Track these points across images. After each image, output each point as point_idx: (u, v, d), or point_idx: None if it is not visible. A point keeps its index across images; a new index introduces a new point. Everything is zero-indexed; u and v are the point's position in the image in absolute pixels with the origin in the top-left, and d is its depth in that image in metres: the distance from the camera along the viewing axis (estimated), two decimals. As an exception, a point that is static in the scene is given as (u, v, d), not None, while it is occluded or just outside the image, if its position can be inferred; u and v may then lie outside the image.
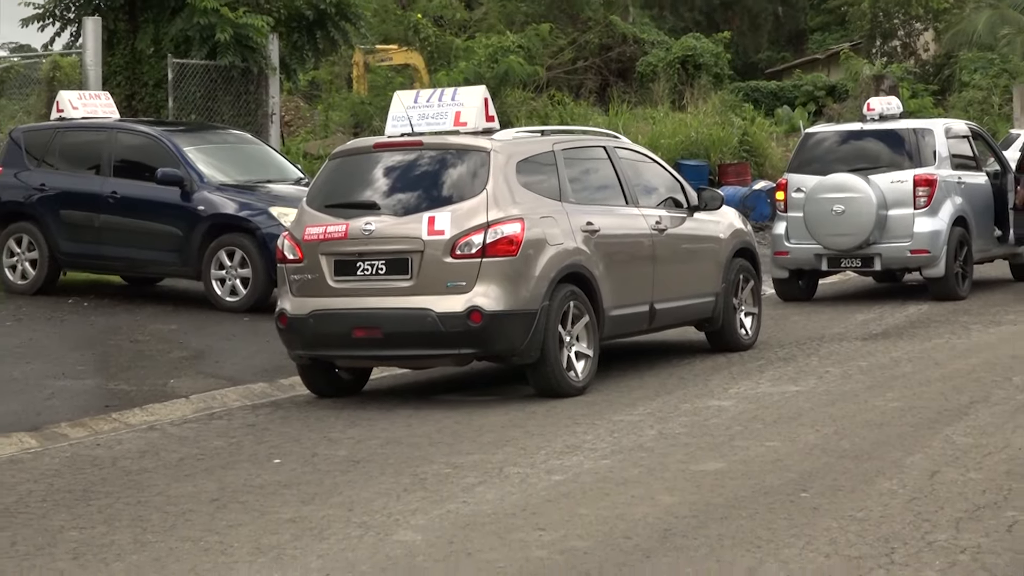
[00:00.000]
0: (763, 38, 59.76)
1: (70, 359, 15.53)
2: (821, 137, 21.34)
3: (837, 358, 15.06)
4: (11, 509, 9.76)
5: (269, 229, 17.21)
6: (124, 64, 25.16)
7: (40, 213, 19.48)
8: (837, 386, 13.47)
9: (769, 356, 15.35)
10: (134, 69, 25.19)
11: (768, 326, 16.69)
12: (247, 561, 8.26)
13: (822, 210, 19.61)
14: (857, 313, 18.84)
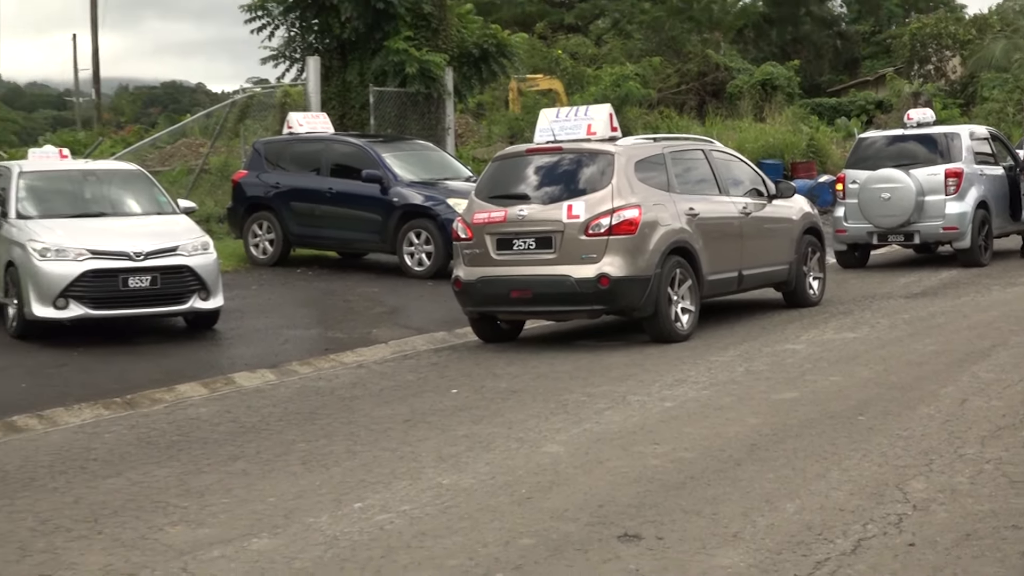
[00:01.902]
0: (825, 65, 58.74)
1: (298, 314, 15.71)
2: (871, 140, 21.03)
3: (885, 312, 14.78)
4: (256, 426, 9.90)
5: (447, 215, 17.26)
6: (337, 92, 25.40)
7: (276, 204, 19.74)
8: (886, 333, 13.22)
9: (832, 310, 15.10)
10: (344, 96, 25.44)
11: (831, 287, 16.42)
12: (432, 466, 8.30)
13: (873, 197, 19.34)
14: (901, 277, 18.48)
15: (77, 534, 7.05)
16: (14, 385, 11.46)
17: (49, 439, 9.73)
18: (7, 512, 7.56)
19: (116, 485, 8.13)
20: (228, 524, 7.15)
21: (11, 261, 13.60)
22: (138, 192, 15.25)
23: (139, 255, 13.36)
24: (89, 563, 6.51)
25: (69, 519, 7.36)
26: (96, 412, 10.61)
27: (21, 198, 14.37)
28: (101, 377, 11.84)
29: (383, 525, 6.98)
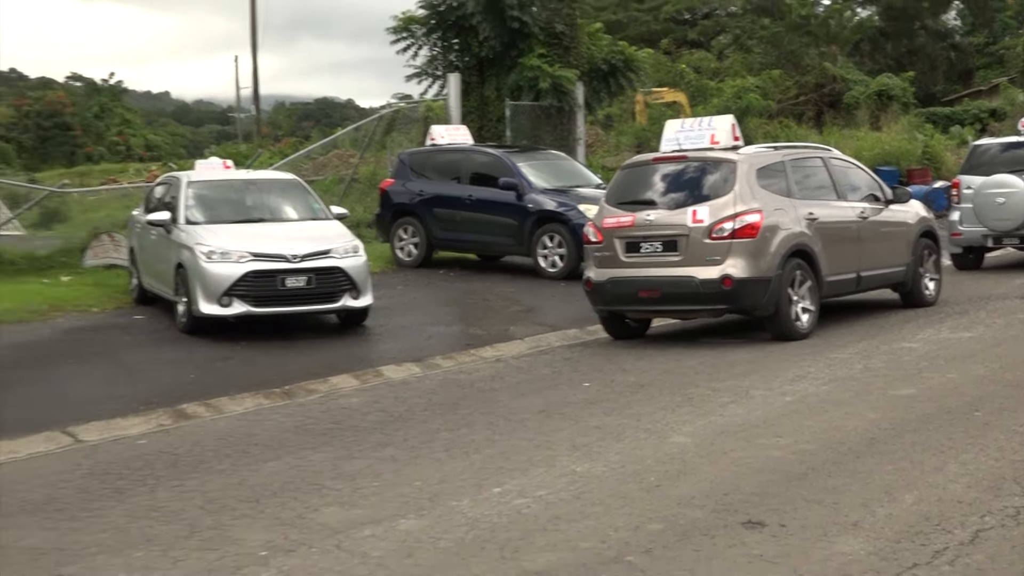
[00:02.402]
0: (939, 75, 57.32)
1: (441, 312, 15.81)
2: (985, 147, 20.43)
3: (1001, 312, 14.35)
4: (403, 416, 9.98)
5: (578, 220, 17.24)
6: (475, 106, 25.52)
7: (420, 210, 19.91)
8: (1001, 333, 12.83)
9: (947, 310, 14.71)
10: (483, 110, 25.55)
11: (946, 289, 15.98)
12: (566, 455, 8.27)
13: (987, 202, 18.76)
14: (1015, 279, 17.93)
15: (241, 513, 7.17)
16: (184, 376, 11.72)
17: (215, 426, 9.93)
18: (178, 492, 7.72)
19: (276, 468, 8.27)
20: (378, 506, 7.21)
21: (181, 263, 13.92)
22: (295, 199, 15.50)
23: (296, 257, 13.57)
24: (252, 539, 6.62)
25: (234, 499, 7.49)
26: (257, 401, 10.80)
27: (189, 205, 14.71)
28: (262, 369, 12.04)
29: (520, 509, 6.98)
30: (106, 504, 7.48)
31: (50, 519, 7.17)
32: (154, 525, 6.96)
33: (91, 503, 7.51)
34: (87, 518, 7.18)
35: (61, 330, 14.27)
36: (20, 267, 18.80)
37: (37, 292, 16.79)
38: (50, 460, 8.82)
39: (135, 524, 7.00)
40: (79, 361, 12.41)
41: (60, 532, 6.90)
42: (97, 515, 7.23)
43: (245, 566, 6.16)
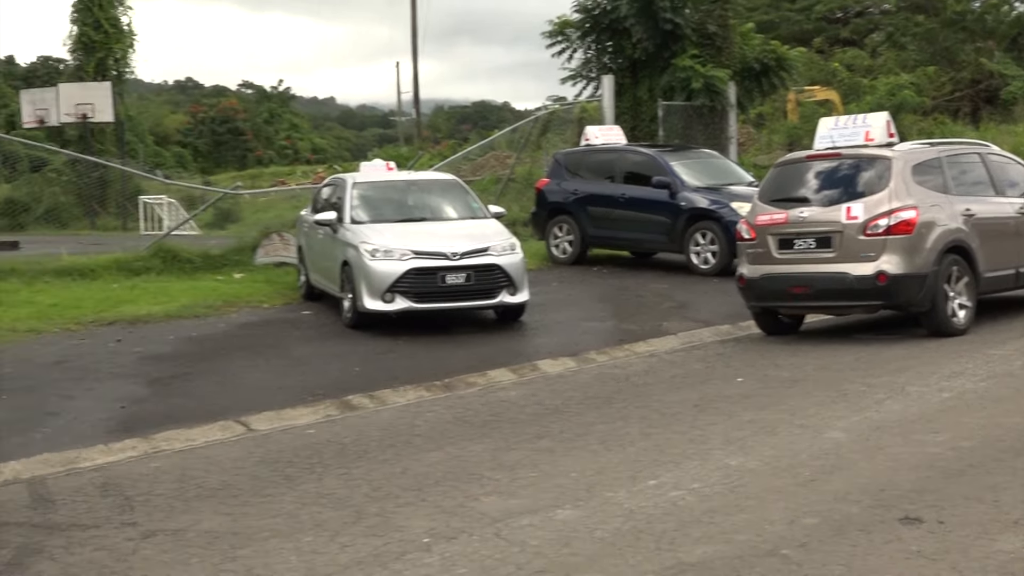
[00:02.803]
0: (1100, 68, 54.95)
1: (595, 308, 15.77)
2: None
3: None
4: (559, 408, 9.97)
5: (730, 217, 17.07)
6: (628, 107, 25.46)
7: (574, 209, 19.92)
8: None
9: (1110, 307, 14.10)
10: (636, 110, 25.48)
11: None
12: (720, 448, 8.17)
13: None
14: None
15: (404, 501, 7.26)
16: (349, 369, 11.92)
17: (379, 416, 10.07)
18: (344, 480, 7.85)
19: (437, 458, 8.34)
20: (536, 496, 7.22)
21: (346, 261, 14.17)
22: (454, 199, 15.65)
23: (455, 255, 13.69)
24: (415, 527, 6.69)
25: (397, 487, 7.59)
26: (419, 393, 10.91)
27: (354, 206, 14.96)
28: (423, 363, 12.17)
29: (676, 501, 6.91)
30: (277, 491, 7.65)
31: (224, 504, 7.36)
32: (322, 511, 7.09)
33: (263, 489, 7.69)
34: (259, 504, 7.35)
35: (235, 325, 14.66)
36: (196, 265, 19.38)
37: (212, 289, 17.30)
38: (225, 448, 9.05)
39: (304, 510, 7.14)
40: (251, 354, 12.72)
41: (234, 517, 7.07)
42: (268, 501, 7.40)
43: (409, 552, 6.23)
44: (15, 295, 16.43)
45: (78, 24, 45.62)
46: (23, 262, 19.09)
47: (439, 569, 5.96)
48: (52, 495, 7.72)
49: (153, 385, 11.12)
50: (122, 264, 19.02)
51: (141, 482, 7.97)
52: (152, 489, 7.78)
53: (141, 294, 16.72)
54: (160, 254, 19.57)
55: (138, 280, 18.15)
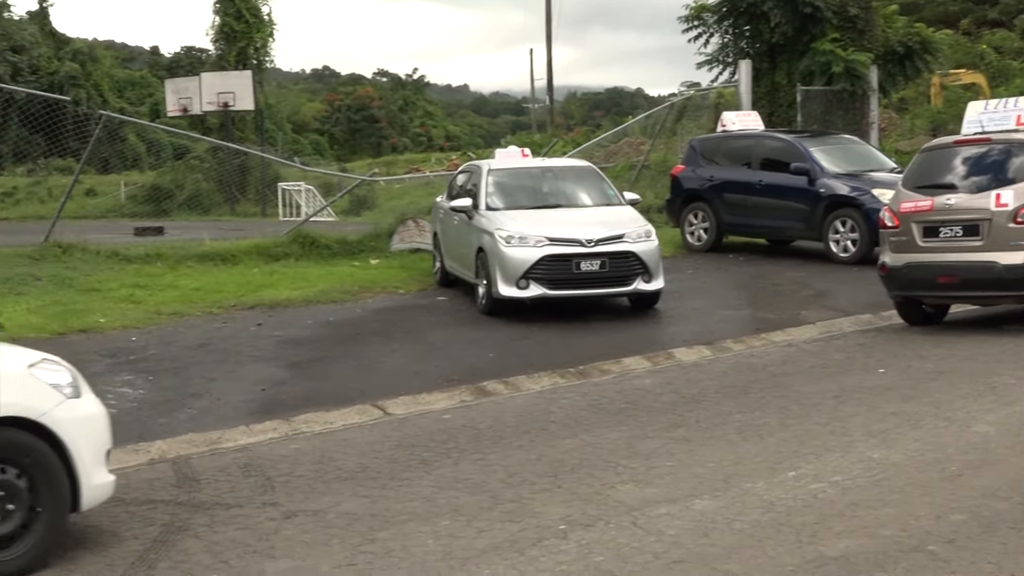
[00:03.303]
0: None
1: (730, 296, 15.58)
2: None
3: None
4: (695, 397, 9.87)
5: (872, 205, 16.71)
6: (766, 92, 25.09)
7: (710, 196, 19.73)
8: None
9: None
10: (773, 95, 25.11)
11: None
12: (862, 441, 8.00)
13: None
14: None
15: (540, 487, 7.26)
16: (484, 355, 11.97)
17: (514, 403, 10.09)
18: (480, 465, 7.89)
19: (572, 445, 8.33)
20: (672, 485, 7.16)
21: (481, 247, 14.23)
22: (589, 186, 15.59)
23: (590, 242, 13.65)
24: (551, 513, 6.69)
25: (533, 473, 7.59)
26: (553, 380, 10.91)
27: (490, 192, 15.02)
28: (556, 349, 12.17)
29: (816, 494, 6.79)
30: (414, 475, 7.72)
31: (363, 487, 7.45)
32: (459, 496, 7.13)
33: (400, 473, 7.77)
34: (397, 487, 7.42)
35: (371, 310, 14.84)
36: (334, 251, 19.70)
37: (349, 274, 17.56)
38: (362, 431, 9.17)
39: (441, 494, 7.19)
40: (387, 339, 12.87)
41: (373, 499, 7.16)
42: (406, 485, 7.47)
43: (546, 539, 6.23)
44: (160, 279, 16.90)
45: (220, 14, 46.73)
46: (168, 247, 19.64)
47: (576, 556, 5.95)
48: (197, 474, 7.92)
49: (292, 368, 11.32)
50: (262, 249, 19.43)
51: (282, 463, 8.12)
52: (292, 470, 7.92)
53: (280, 279, 17.06)
54: (299, 240, 19.94)
55: (277, 265, 18.52)
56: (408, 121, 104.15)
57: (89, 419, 6.37)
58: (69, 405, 6.24)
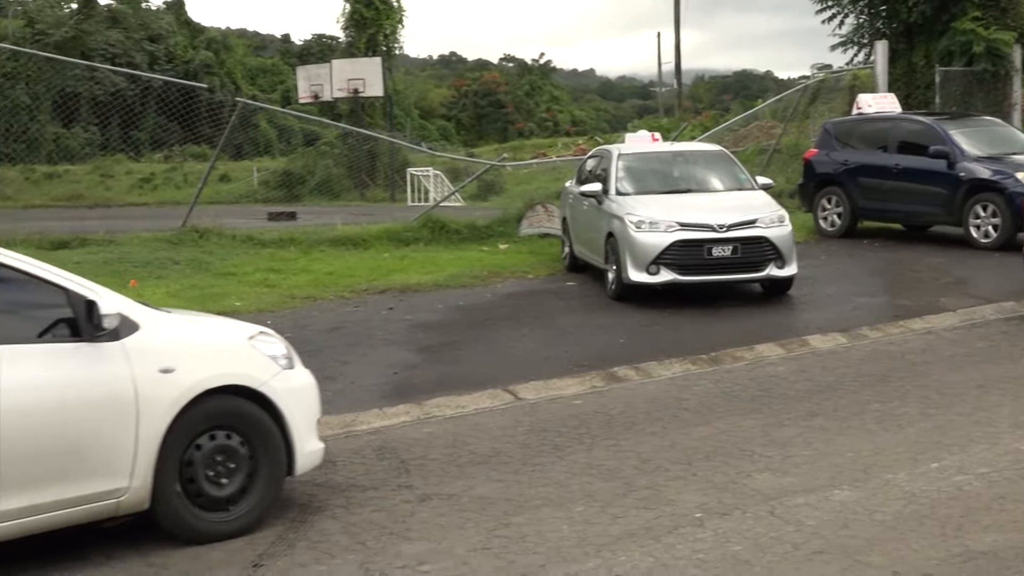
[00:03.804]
0: None
1: (866, 282, 15.26)
2: None
3: None
4: (832, 386, 9.69)
5: (1015, 189, 16.26)
6: (902, 73, 24.53)
7: (844, 180, 19.34)
8: None
9: None
10: (910, 77, 24.54)
11: None
12: (1008, 432, 7.78)
13: None
14: None
15: (674, 475, 7.20)
16: (614, 340, 11.92)
17: (645, 389, 10.03)
18: (613, 451, 7.86)
19: (705, 433, 8.24)
20: (810, 474, 7.04)
21: (611, 232, 14.16)
22: (720, 170, 15.41)
23: (722, 227, 13.49)
24: (686, 501, 6.63)
25: (666, 460, 7.54)
26: (684, 367, 10.81)
27: (620, 177, 14.93)
28: (687, 336, 12.06)
29: (961, 486, 6.61)
30: (546, 460, 7.72)
31: (496, 471, 7.47)
32: (593, 482, 7.11)
33: (533, 458, 7.77)
34: (530, 472, 7.43)
35: (500, 295, 14.89)
36: (463, 236, 19.83)
37: (478, 259, 17.65)
38: (494, 416, 9.20)
39: (575, 480, 7.18)
40: (517, 324, 12.89)
41: (506, 484, 7.18)
42: (539, 470, 7.47)
43: (681, 527, 6.18)
44: (294, 263, 17.20)
45: (351, 2, 47.30)
46: (300, 232, 19.98)
47: (712, 545, 5.89)
48: (332, 456, 8.01)
49: (423, 352, 11.41)
50: (392, 234, 19.65)
51: (415, 446, 8.19)
52: (426, 453, 7.99)
53: (410, 263, 17.23)
54: (428, 225, 20.12)
55: (407, 250, 18.71)
56: (534, 106, 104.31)
57: (302, 389, 6.81)
58: (285, 376, 6.66)
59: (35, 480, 5.69)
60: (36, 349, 5.84)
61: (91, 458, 5.87)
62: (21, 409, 5.64)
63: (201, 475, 6.26)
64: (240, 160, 47.28)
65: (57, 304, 5.93)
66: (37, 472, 5.70)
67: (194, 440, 6.24)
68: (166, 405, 6.08)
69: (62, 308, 5.93)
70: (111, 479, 5.94)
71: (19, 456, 5.63)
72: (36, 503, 5.72)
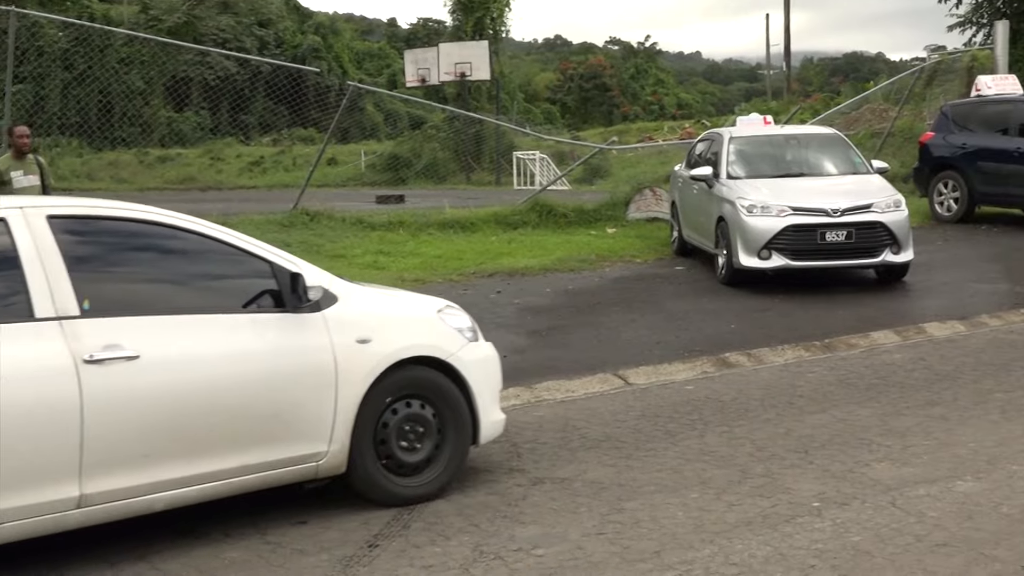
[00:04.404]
0: None
1: (984, 269, 14.89)
2: None
3: None
4: (951, 375, 9.48)
5: None
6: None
7: (961, 164, 18.90)
8: None
9: None
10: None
11: None
12: None
13: None
14: None
15: (790, 463, 7.10)
16: (725, 326, 11.79)
17: (758, 375, 9.90)
18: (727, 438, 7.77)
19: (821, 421, 8.11)
20: (931, 465, 6.89)
21: (722, 216, 14.01)
22: (834, 154, 15.15)
23: (836, 212, 13.26)
24: (803, 490, 6.53)
25: (782, 448, 7.43)
26: (797, 353, 10.66)
27: (731, 161, 14.76)
28: (800, 322, 11.89)
29: (1091, 479, 6.42)
30: (659, 445, 7.66)
31: (608, 456, 7.44)
32: (707, 468, 7.04)
33: (645, 443, 7.72)
34: (642, 457, 7.38)
35: (608, 279, 14.83)
36: (570, 220, 19.79)
37: (586, 243, 17.60)
38: (604, 400, 9.16)
39: (688, 466, 7.12)
40: (626, 308, 12.83)
41: (618, 469, 7.14)
42: (651, 455, 7.42)
43: (799, 516, 6.09)
44: (403, 246, 17.32)
45: (458, -15, 47.44)
46: (409, 215, 20.12)
47: (831, 535, 5.79)
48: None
49: (532, 336, 11.41)
50: (500, 218, 19.69)
51: (527, 430, 8.19)
52: (537, 437, 7.98)
53: (518, 247, 17.24)
54: (536, 208, 20.11)
55: (515, 233, 18.73)
56: (639, 89, 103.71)
57: (487, 361, 7.04)
58: (470, 347, 6.90)
59: (244, 442, 5.99)
60: (242, 319, 6.11)
61: (294, 422, 6.16)
62: (230, 374, 5.94)
63: (394, 441, 6.53)
64: (346, 144, 47.81)
65: (262, 276, 6.22)
66: (246, 434, 6.00)
67: (388, 408, 6.51)
68: (363, 374, 6.35)
69: (266, 280, 6.21)
70: (312, 443, 6.23)
71: (230, 419, 5.93)
72: (246, 464, 6.01)
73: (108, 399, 5.54)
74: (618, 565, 5.51)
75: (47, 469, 5.40)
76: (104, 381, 5.53)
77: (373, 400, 6.40)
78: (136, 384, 5.63)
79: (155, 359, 5.70)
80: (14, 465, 5.30)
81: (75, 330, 5.54)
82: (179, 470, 5.78)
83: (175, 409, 5.74)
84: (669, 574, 5.37)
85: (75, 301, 5.59)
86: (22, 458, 5.33)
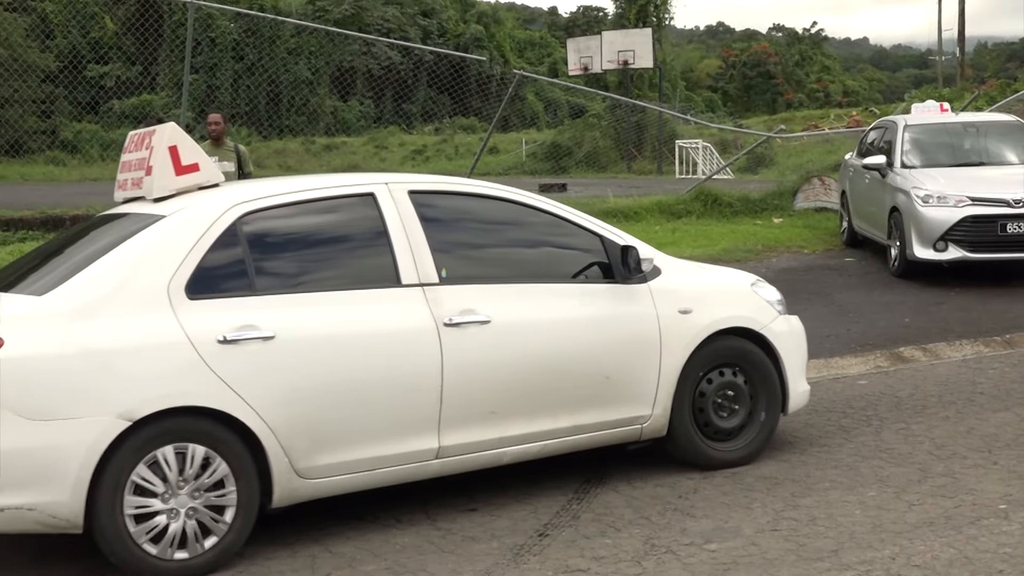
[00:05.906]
0: None
1: None
2: None
3: None
4: None
5: None
6: None
7: None
8: None
9: None
10: None
11: None
12: None
13: None
14: None
15: (972, 462, 6.85)
16: (898, 319, 11.48)
17: (935, 371, 9.60)
18: (904, 435, 7.54)
19: (1005, 419, 7.81)
20: None
21: (895, 206, 13.63)
22: (1016, 142, 14.58)
23: (1018, 202, 12.76)
24: (988, 491, 6.29)
25: (963, 447, 7.18)
26: (976, 349, 10.31)
27: (906, 150, 14.35)
28: (978, 316, 11.50)
29: None
30: (832, 441, 7.48)
31: (781, 451, 7.28)
32: (884, 466, 6.84)
33: (818, 439, 7.55)
34: (816, 453, 7.22)
35: (775, 269, 14.56)
36: (735, 209, 19.51)
37: (751, 233, 17.33)
38: (774, 393, 8.98)
39: (864, 463, 6.93)
40: (794, 300, 12.42)
41: (791, 464, 6.99)
42: (826, 451, 7.25)
43: (984, 517, 5.86)
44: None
45: (622, -27, 47.22)
46: (573, 203, 20.04)
47: (1020, 539, 5.56)
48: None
49: (699, 327, 11.25)
50: (663, 207, 19.52)
51: (695, 422, 8.08)
52: (706, 430, 7.86)
53: (683, 236, 17.07)
54: (700, 198, 19.89)
55: (679, 223, 18.55)
56: (804, 76, 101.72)
57: (795, 333, 7.34)
58: (781, 320, 7.23)
59: (579, 403, 6.44)
60: (578, 288, 6.58)
61: (621, 386, 6.57)
62: (568, 339, 6.39)
63: (710, 408, 6.89)
64: (507, 132, 48.00)
65: (590, 249, 6.67)
66: (580, 396, 6.44)
67: (705, 375, 6.88)
68: (684, 342, 6.74)
69: (592, 253, 6.67)
70: (637, 406, 6.65)
71: (567, 381, 6.38)
72: (579, 424, 6.46)
73: (464, 359, 6.03)
74: (794, 563, 5.38)
75: (413, 421, 5.93)
76: (461, 343, 6.03)
77: (692, 368, 6.77)
78: (487, 346, 6.11)
79: (504, 324, 6.18)
80: (386, 416, 5.86)
81: (436, 296, 6.05)
82: (522, 427, 6.26)
83: (520, 370, 6.21)
84: (848, 574, 5.22)
85: (435, 269, 6.09)
86: (393, 410, 5.88)
